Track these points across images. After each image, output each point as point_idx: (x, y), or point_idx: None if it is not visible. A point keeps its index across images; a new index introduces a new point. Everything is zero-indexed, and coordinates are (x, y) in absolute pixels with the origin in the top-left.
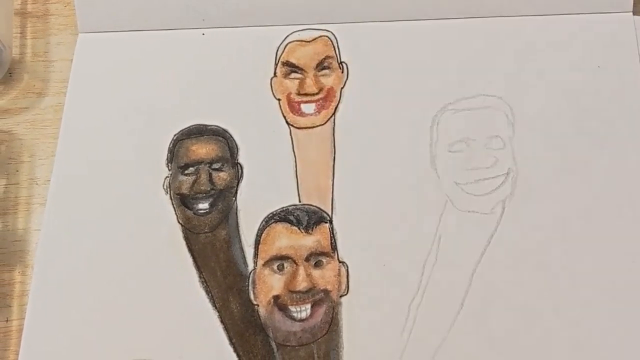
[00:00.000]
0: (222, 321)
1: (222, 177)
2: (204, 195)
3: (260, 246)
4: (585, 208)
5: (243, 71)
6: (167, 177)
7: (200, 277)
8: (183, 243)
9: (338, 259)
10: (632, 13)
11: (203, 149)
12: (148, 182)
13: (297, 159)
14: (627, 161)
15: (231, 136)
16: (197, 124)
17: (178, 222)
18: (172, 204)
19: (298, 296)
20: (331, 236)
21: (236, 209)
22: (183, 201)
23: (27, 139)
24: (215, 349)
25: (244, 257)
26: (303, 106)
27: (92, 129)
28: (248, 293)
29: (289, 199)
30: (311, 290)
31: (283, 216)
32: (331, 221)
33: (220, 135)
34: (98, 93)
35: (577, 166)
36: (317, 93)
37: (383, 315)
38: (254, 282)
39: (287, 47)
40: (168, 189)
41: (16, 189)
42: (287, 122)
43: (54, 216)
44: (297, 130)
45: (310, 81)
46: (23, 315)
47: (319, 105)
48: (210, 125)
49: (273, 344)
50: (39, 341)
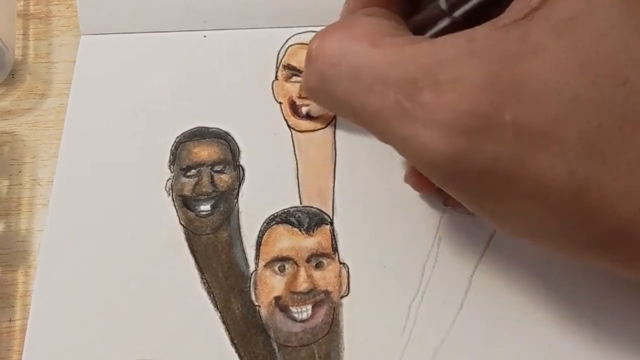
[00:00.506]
0: (224, 322)
1: (224, 180)
2: (206, 197)
3: (261, 247)
4: None
5: (245, 74)
6: (170, 179)
7: (202, 278)
8: (185, 244)
9: (339, 261)
10: None
11: (205, 152)
12: (150, 184)
13: (299, 162)
14: None
15: (233, 139)
16: (199, 127)
17: (180, 224)
18: (174, 206)
19: (299, 297)
20: (332, 238)
21: (238, 211)
22: (185, 203)
23: (30, 140)
24: (216, 350)
25: (246, 259)
26: (304, 109)
27: (95, 131)
28: (249, 294)
29: (290, 201)
30: (312, 291)
31: (284, 218)
32: (332, 223)
33: (222, 137)
34: (100, 95)
35: None
36: None
37: (383, 315)
38: (256, 283)
39: (289, 51)
40: (170, 191)
41: (19, 190)
42: (289, 125)
43: (57, 217)
44: (299, 133)
45: None
46: (26, 315)
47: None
48: (212, 127)
49: (274, 345)
50: (42, 341)
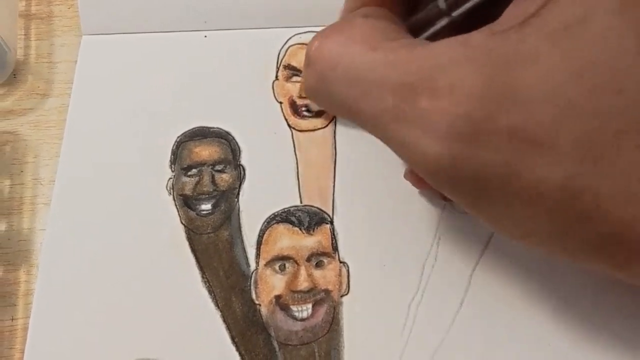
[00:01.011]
0: (225, 320)
1: (225, 179)
2: (207, 196)
3: (262, 246)
4: None
5: (245, 74)
6: (171, 179)
7: (202, 277)
8: (186, 243)
9: (339, 260)
10: None
11: (206, 151)
12: (151, 184)
13: (299, 161)
14: None
15: (234, 138)
16: (200, 127)
17: (181, 223)
18: (175, 205)
19: (299, 296)
20: (332, 237)
21: (238, 210)
22: (186, 202)
23: (32, 140)
24: (217, 348)
25: (246, 258)
26: (304, 109)
27: (96, 130)
28: (250, 293)
29: (291, 200)
30: (312, 290)
31: (285, 217)
32: (332, 222)
33: (222, 137)
34: (102, 95)
35: None
36: None
37: (383, 314)
38: (256, 282)
39: (289, 51)
40: (171, 190)
41: (21, 189)
42: (289, 125)
43: (58, 216)
44: (299, 132)
45: None
46: (28, 314)
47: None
48: (212, 127)
49: (275, 343)
50: (44, 339)
